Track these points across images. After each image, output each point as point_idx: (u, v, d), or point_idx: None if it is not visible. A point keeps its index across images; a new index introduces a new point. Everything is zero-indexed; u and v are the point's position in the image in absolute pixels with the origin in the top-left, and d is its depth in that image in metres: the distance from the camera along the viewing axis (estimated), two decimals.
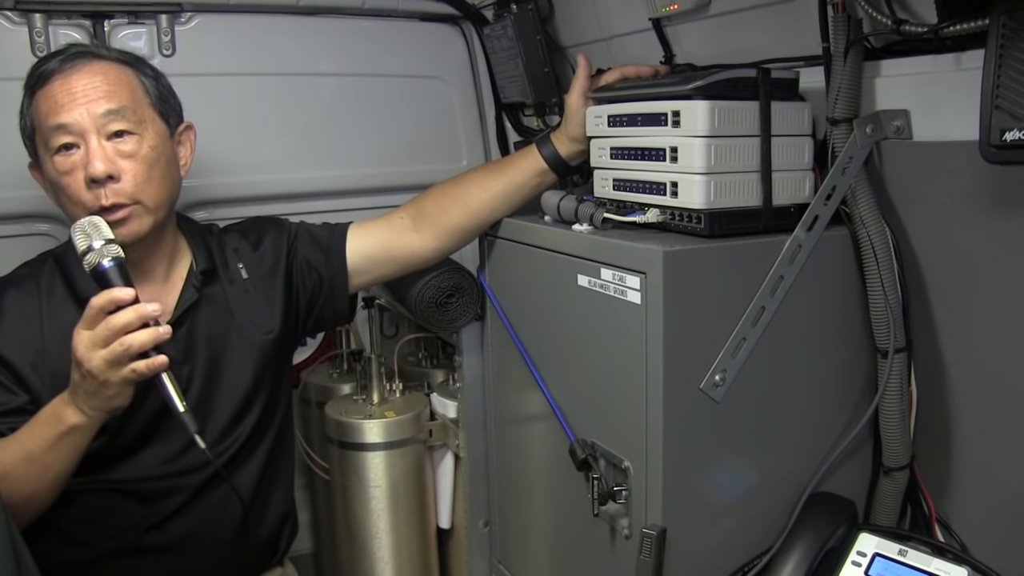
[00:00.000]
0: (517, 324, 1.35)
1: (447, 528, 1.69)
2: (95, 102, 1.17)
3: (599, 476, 1.12)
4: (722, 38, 1.31)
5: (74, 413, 1.09)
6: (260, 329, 1.32)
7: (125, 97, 1.20)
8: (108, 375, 1.05)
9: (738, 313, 1.04)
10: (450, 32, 1.87)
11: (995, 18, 0.84)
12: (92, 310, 1.05)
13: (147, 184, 1.20)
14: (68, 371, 1.17)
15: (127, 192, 1.17)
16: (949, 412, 1.09)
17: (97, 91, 1.17)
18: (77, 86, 1.17)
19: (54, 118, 1.16)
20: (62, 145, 1.16)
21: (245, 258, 1.35)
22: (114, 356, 1.04)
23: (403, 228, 1.38)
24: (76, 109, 1.16)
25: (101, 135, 1.16)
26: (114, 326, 1.04)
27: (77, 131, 1.16)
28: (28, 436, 1.12)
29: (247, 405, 1.29)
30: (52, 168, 1.18)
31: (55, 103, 1.16)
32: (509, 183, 1.35)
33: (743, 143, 1.06)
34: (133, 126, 1.19)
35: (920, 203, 1.08)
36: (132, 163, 1.18)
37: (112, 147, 1.17)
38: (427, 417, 1.63)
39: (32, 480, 1.11)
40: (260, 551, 1.36)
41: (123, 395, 1.09)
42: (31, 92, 1.19)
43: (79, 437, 1.11)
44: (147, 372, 1.06)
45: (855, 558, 1.02)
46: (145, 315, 1.05)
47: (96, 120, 1.16)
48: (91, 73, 1.18)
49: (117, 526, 1.21)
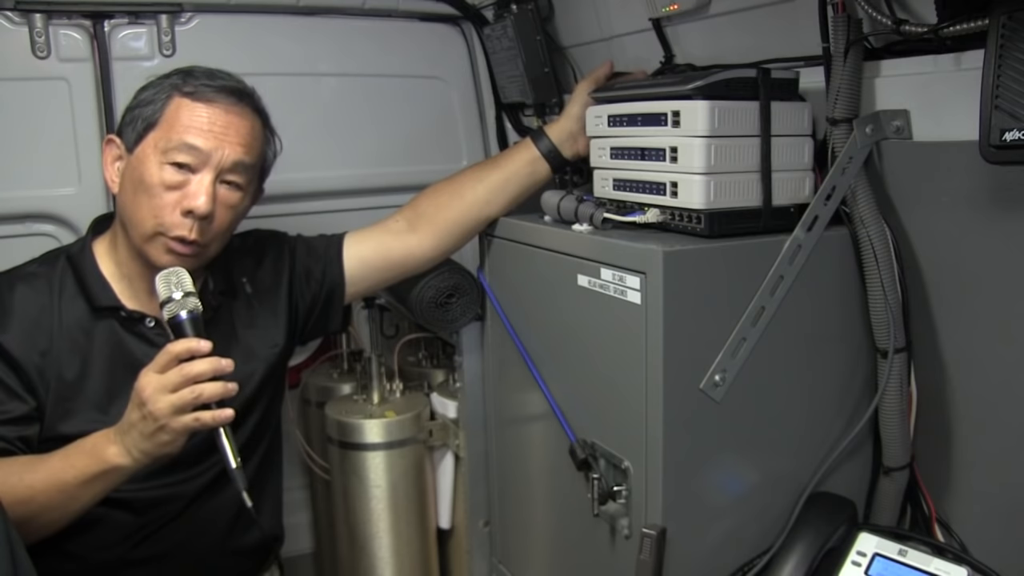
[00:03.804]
0: (517, 324, 1.35)
1: (447, 528, 1.69)
2: (234, 148, 1.19)
3: (599, 476, 1.12)
4: (722, 38, 1.31)
5: (119, 453, 1.06)
6: (266, 343, 1.32)
7: (255, 155, 1.23)
8: (170, 420, 1.03)
9: (738, 313, 1.04)
10: (450, 32, 1.87)
11: (995, 18, 0.84)
12: (167, 355, 1.04)
13: (223, 235, 1.23)
14: (72, 379, 1.17)
15: (209, 236, 1.19)
16: (949, 412, 1.09)
17: (241, 138, 1.20)
18: (229, 123, 1.19)
19: (193, 137, 1.16)
20: (181, 162, 1.16)
21: (249, 274, 1.35)
22: (183, 402, 1.03)
23: (399, 231, 1.39)
24: (214, 141, 1.17)
25: (219, 176, 1.18)
26: (188, 373, 1.03)
27: (203, 159, 1.17)
28: (63, 465, 1.08)
29: (244, 416, 1.28)
30: (156, 171, 1.16)
31: (201, 124, 1.17)
32: (502, 173, 1.37)
33: (743, 143, 1.06)
34: (244, 183, 1.23)
35: (920, 203, 1.08)
36: (226, 213, 1.21)
37: (220, 192, 1.19)
38: (427, 417, 1.63)
39: (58, 509, 1.08)
40: (251, 558, 1.36)
41: (175, 444, 1.07)
42: (176, 91, 1.19)
43: (117, 478, 1.08)
44: (211, 423, 1.04)
45: (855, 558, 1.02)
46: (219, 369, 1.05)
47: (225, 163, 1.18)
48: (244, 119, 1.21)
49: (109, 538, 1.20)
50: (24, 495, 1.04)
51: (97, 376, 1.18)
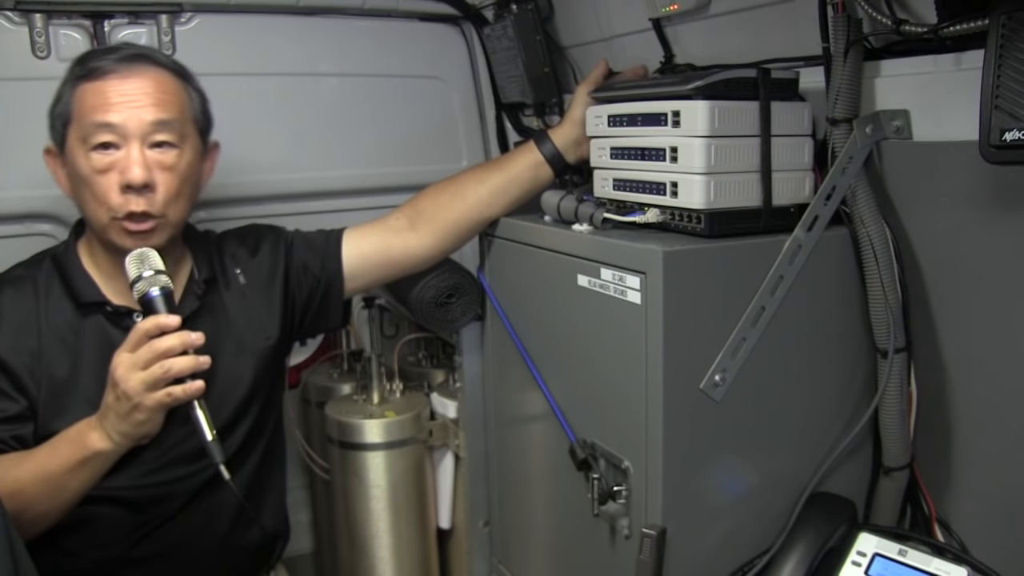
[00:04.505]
0: (517, 324, 1.35)
1: (447, 528, 1.69)
2: (146, 109, 1.16)
3: (599, 476, 1.12)
4: (722, 38, 1.31)
5: (100, 438, 1.08)
6: (259, 335, 1.31)
7: (175, 109, 1.19)
8: (143, 398, 1.04)
9: (738, 313, 1.04)
10: (450, 32, 1.87)
11: (995, 18, 0.84)
12: (137, 334, 1.05)
13: (176, 199, 1.20)
14: (63, 376, 1.17)
15: (158, 204, 1.17)
16: (949, 412, 1.09)
17: (150, 98, 1.16)
18: (131, 89, 1.16)
19: (101, 115, 1.14)
20: (101, 143, 1.15)
21: (243, 264, 1.34)
22: (153, 378, 1.04)
23: (400, 229, 1.38)
24: (126, 112, 1.15)
25: (144, 143, 1.16)
26: (156, 349, 1.04)
27: (122, 133, 1.15)
28: (48, 456, 1.11)
29: (243, 411, 1.28)
30: (84, 162, 1.16)
31: (105, 101, 1.15)
32: (504, 176, 1.36)
33: (743, 143, 1.06)
34: (176, 139, 1.19)
35: (920, 203, 1.08)
36: (168, 176, 1.18)
37: (152, 156, 1.17)
38: (427, 417, 1.63)
39: (46, 500, 1.10)
40: (252, 557, 1.36)
41: (152, 422, 1.08)
42: (78, 81, 1.17)
43: (100, 463, 1.10)
44: (183, 397, 1.05)
45: (855, 558, 1.02)
46: (188, 342, 1.06)
47: (143, 127, 1.16)
48: (146, 78, 1.17)
49: (109, 535, 1.20)
50: (11, 488, 1.05)
51: (88, 373, 1.19)
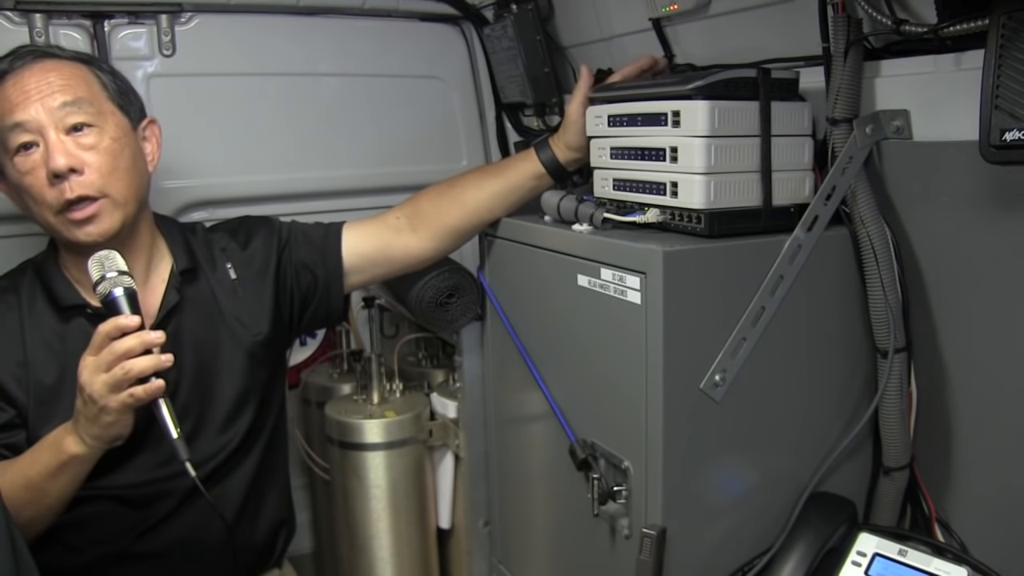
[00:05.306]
0: (517, 324, 1.35)
1: (447, 528, 1.69)
2: (50, 96, 1.14)
3: (599, 476, 1.12)
4: (722, 38, 1.31)
5: (75, 442, 1.08)
6: (249, 330, 1.31)
7: (81, 89, 1.17)
8: (107, 400, 1.04)
9: (738, 313, 1.04)
10: (450, 32, 1.87)
11: (995, 18, 0.84)
12: (98, 336, 1.05)
13: (113, 176, 1.17)
14: (51, 383, 1.18)
15: (94, 184, 1.15)
16: (949, 412, 1.09)
17: (51, 86, 1.15)
18: (30, 83, 1.14)
19: (9, 117, 1.13)
20: (21, 145, 1.14)
21: (233, 257, 1.33)
22: (114, 380, 1.03)
23: (399, 228, 1.38)
24: (31, 105, 1.13)
25: (60, 129, 1.14)
26: (116, 351, 1.04)
27: (35, 128, 1.13)
28: (29, 462, 1.11)
29: (239, 407, 1.28)
30: (13, 171, 1.15)
31: (8, 103, 1.14)
32: (505, 183, 1.36)
33: (743, 143, 1.06)
34: (92, 118, 1.17)
35: (920, 203, 1.08)
36: (95, 155, 1.16)
37: (72, 141, 1.15)
38: (427, 417, 1.63)
39: (30, 506, 1.11)
40: (255, 554, 1.36)
41: (122, 423, 1.08)
42: None
43: (78, 467, 1.11)
44: (144, 397, 1.05)
45: (855, 558, 1.02)
46: (147, 342, 1.05)
47: (53, 114, 1.14)
48: (44, 70, 1.16)
49: (109, 532, 1.20)
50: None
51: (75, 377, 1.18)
